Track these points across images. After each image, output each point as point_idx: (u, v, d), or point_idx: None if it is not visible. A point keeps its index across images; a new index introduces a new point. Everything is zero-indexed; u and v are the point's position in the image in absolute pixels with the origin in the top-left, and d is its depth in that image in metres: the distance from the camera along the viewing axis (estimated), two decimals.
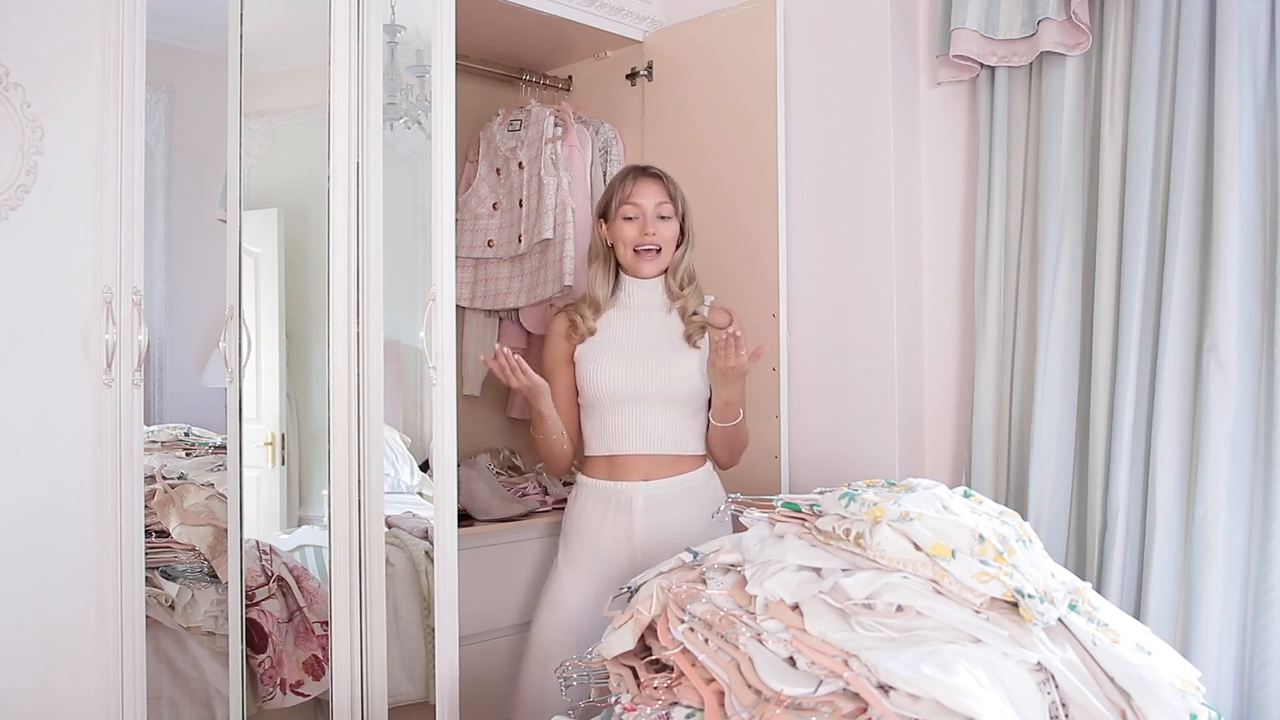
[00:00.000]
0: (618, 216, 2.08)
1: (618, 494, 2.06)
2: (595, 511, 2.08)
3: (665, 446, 2.06)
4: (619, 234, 2.08)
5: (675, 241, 2.11)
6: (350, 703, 1.97)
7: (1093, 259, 2.04)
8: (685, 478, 2.08)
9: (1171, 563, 1.88)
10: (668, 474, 2.06)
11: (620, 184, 2.09)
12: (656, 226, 2.06)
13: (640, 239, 2.06)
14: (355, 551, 1.98)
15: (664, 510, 2.05)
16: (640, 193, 2.06)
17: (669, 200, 2.08)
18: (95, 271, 1.80)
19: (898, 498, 1.42)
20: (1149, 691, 1.26)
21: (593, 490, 2.10)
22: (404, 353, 2.59)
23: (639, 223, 2.06)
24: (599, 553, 2.06)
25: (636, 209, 2.06)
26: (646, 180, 2.08)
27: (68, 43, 1.79)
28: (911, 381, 2.31)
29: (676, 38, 2.61)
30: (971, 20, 2.08)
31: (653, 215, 2.06)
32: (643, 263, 2.08)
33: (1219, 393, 1.83)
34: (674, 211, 2.09)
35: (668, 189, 2.09)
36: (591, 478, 2.11)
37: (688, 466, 2.09)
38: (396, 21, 2.34)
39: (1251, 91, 1.84)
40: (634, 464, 2.06)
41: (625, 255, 2.09)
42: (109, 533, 1.79)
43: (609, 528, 2.06)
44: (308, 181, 2.07)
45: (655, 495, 2.05)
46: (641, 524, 2.04)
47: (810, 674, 1.27)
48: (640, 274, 2.10)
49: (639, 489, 2.05)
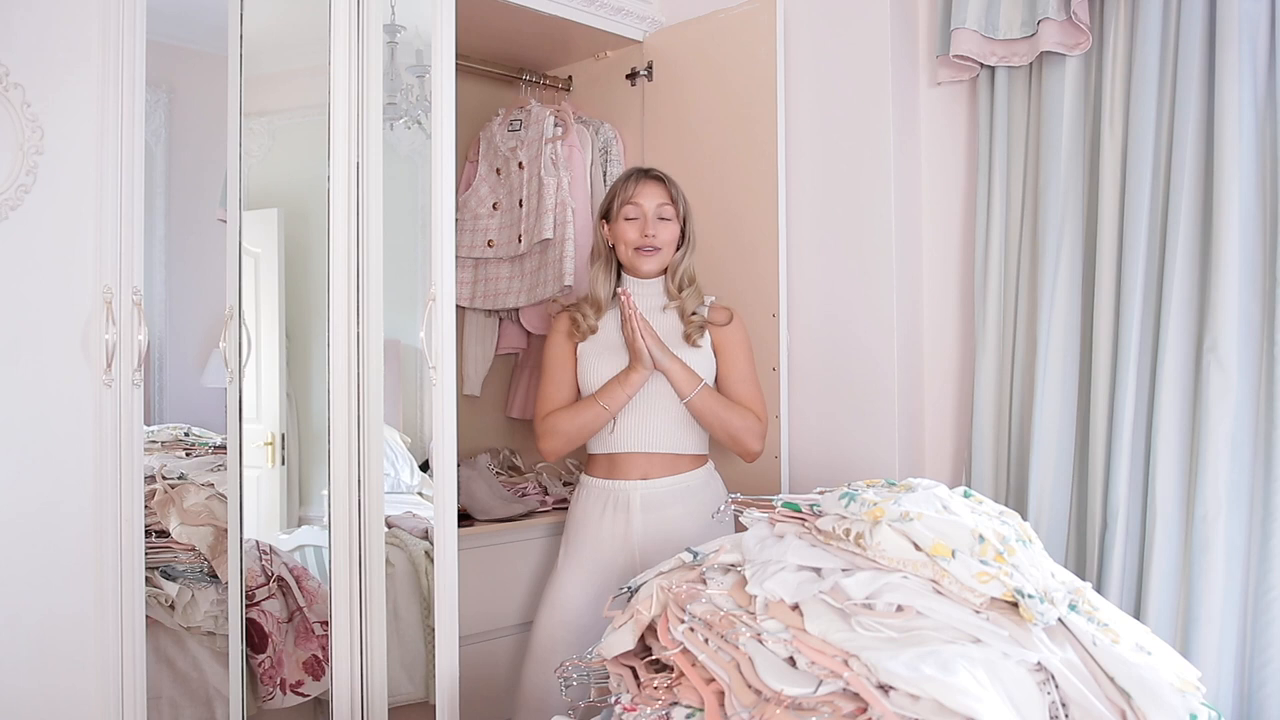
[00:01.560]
0: (619, 217, 2.10)
1: (616, 492, 2.07)
2: (595, 510, 2.09)
3: (664, 445, 2.07)
4: (620, 234, 2.10)
5: (675, 243, 2.13)
6: (350, 703, 1.97)
7: (1093, 259, 2.04)
8: (683, 477, 2.09)
9: (1171, 563, 1.88)
10: (666, 473, 2.07)
11: (623, 185, 2.12)
12: (657, 227, 2.08)
13: (640, 239, 2.08)
14: (355, 551, 1.98)
15: (662, 509, 2.06)
16: (642, 193, 2.09)
17: (670, 202, 2.10)
18: (95, 271, 1.80)
19: (898, 498, 1.42)
20: (1149, 691, 1.26)
21: (593, 489, 2.11)
22: (404, 353, 2.59)
23: (639, 223, 2.08)
24: (598, 551, 2.07)
25: (638, 209, 2.08)
26: (649, 182, 2.11)
27: (68, 43, 1.79)
28: (911, 381, 2.31)
29: (676, 38, 2.61)
30: (971, 20, 2.08)
31: (653, 216, 2.08)
32: (642, 260, 2.09)
33: (1219, 393, 1.83)
34: (675, 214, 2.11)
35: (669, 191, 2.11)
36: (592, 476, 2.13)
37: (686, 466, 2.10)
38: (396, 21, 2.34)
39: (1251, 91, 1.84)
40: (633, 462, 2.07)
41: (626, 254, 2.11)
42: (109, 533, 1.79)
43: (607, 526, 2.07)
44: (308, 181, 2.07)
45: (653, 494, 2.06)
46: (639, 522, 2.05)
47: (810, 674, 1.27)
48: (640, 272, 2.11)
49: (637, 487, 2.06)
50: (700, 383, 2.05)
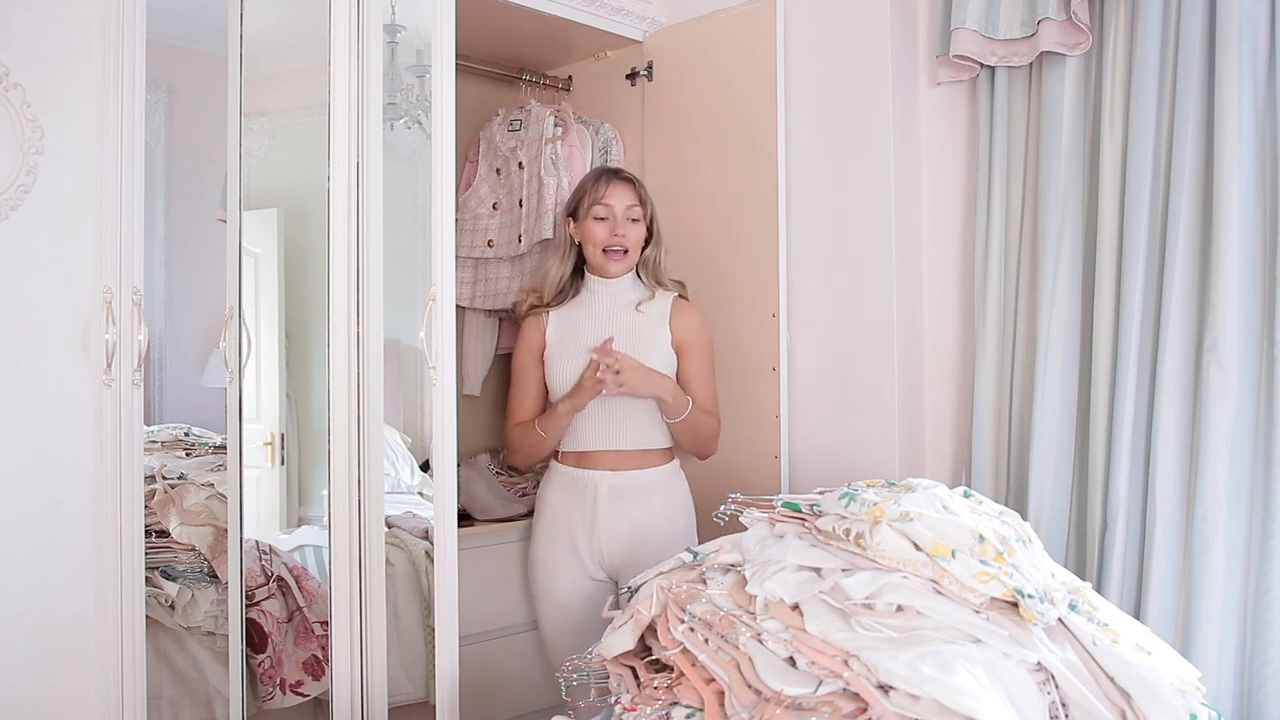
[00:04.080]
0: (588, 216, 2.14)
1: (584, 481, 2.13)
2: (564, 496, 2.15)
3: (633, 442, 2.13)
4: (589, 233, 2.14)
5: (641, 244, 2.18)
6: (350, 703, 1.97)
7: (1093, 259, 2.04)
8: (650, 471, 2.14)
9: (1171, 563, 1.88)
10: (634, 466, 2.13)
11: (593, 185, 2.16)
12: (626, 228, 2.13)
13: (610, 239, 2.13)
14: (355, 551, 1.98)
15: (628, 499, 2.11)
16: (612, 194, 2.14)
17: (639, 204, 2.16)
18: (95, 271, 1.80)
19: (898, 498, 1.42)
20: (1149, 691, 1.26)
21: (561, 475, 2.18)
22: (404, 353, 2.59)
23: (609, 223, 2.13)
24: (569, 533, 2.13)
25: (607, 210, 2.13)
26: (618, 183, 2.16)
27: (68, 43, 1.78)
28: (911, 381, 2.31)
29: (676, 38, 2.61)
30: (971, 20, 2.08)
31: (623, 217, 2.13)
32: (611, 262, 2.14)
33: (1219, 393, 1.83)
34: (643, 214, 2.17)
35: (638, 193, 2.17)
36: (562, 465, 2.18)
37: (655, 460, 2.15)
38: (396, 21, 2.34)
39: (1251, 91, 1.84)
40: (602, 457, 2.13)
41: (594, 255, 2.15)
42: (109, 533, 1.79)
43: (577, 512, 2.12)
44: (308, 181, 2.07)
45: (620, 485, 2.11)
46: (605, 512, 2.10)
47: (810, 674, 1.27)
48: (608, 274, 2.16)
49: (605, 477, 2.12)
50: (689, 402, 2.11)
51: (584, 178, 2.25)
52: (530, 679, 2.38)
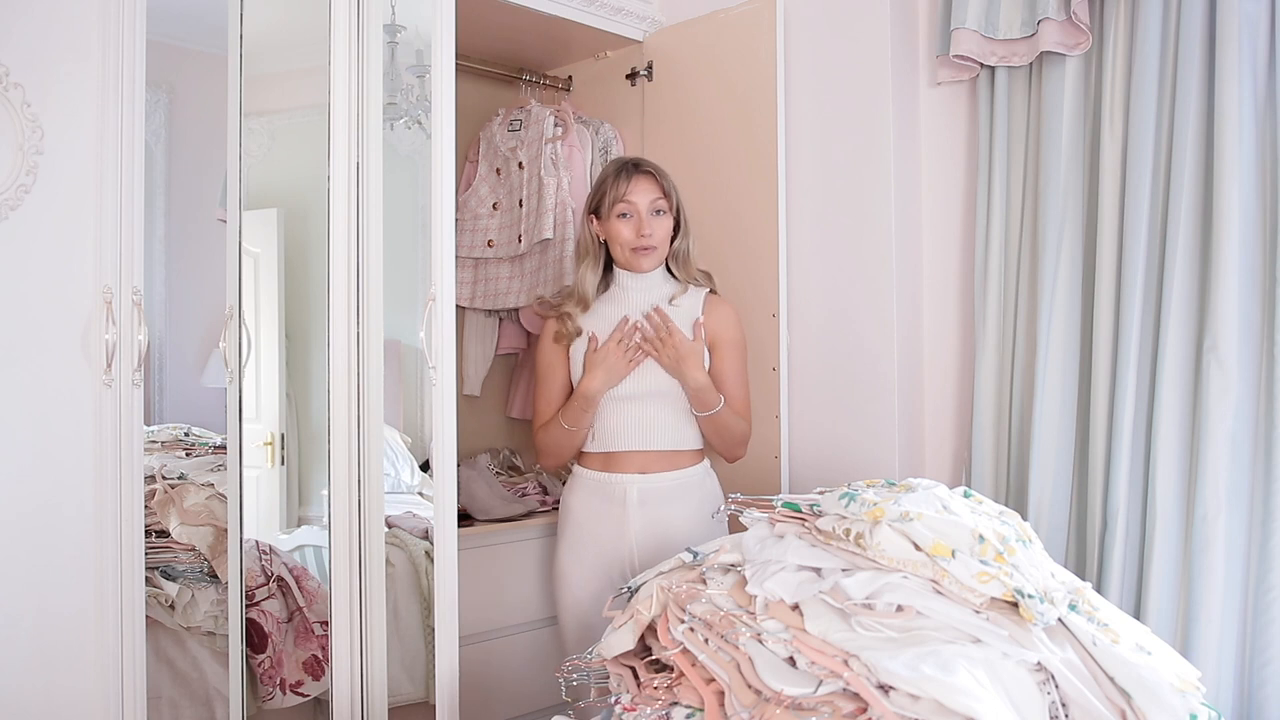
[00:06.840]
0: (611, 215, 2.04)
1: (613, 486, 2.05)
2: (591, 502, 2.08)
3: (662, 443, 2.05)
4: (614, 233, 2.05)
5: (669, 237, 2.08)
6: (350, 703, 1.97)
7: (1093, 259, 2.04)
8: (681, 473, 2.06)
9: (1171, 563, 1.88)
10: (664, 468, 2.05)
11: (614, 182, 2.04)
12: (652, 225, 2.03)
13: (636, 239, 2.03)
14: (355, 551, 1.98)
15: (659, 505, 2.04)
16: (635, 190, 2.03)
17: (663, 196, 2.05)
18: (95, 271, 1.80)
19: (898, 498, 1.42)
20: (1149, 691, 1.26)
21: (588, 480, 2.09)
22: (404, 353, 2.59)
23: (634, 221, 2.03)
24: (597, 542, 2.06)
25: (630, 207, 2.03)
26: (640, 177, 2.04)
27: (68, 43, 1.79)
28: (911, 381, 2.31)
29: (676, 38, 2.61)
30: (971, 20, 2.08)
31: (648, 213, 2.03)
32: (641, 259, 2.05)
33: (1219, 393, 1.83)
34: (668, 206, 2.06)
35: (661, 185, 2.05)
36: (587, 469, 2.10)
37: (685, 461, 2.07)
38: (396, 21, 2.34)
39: (1251, 91, 1.84)
40: (630, 459, 2.05)
41: (622, 253, 2.06)
42: (109, 533, 1.79)
43: (605, 519, 2.05)
44: (308, 181, 2.07)
45: (650, 489, 2.04)
46: (636, 517, 2.03)
47: (810, 674, 1.27)
48: (639, 269, 2.08)
49: (634, 481, 2.04)
50: (720, 399, 2.04)
51: (604, 170, 2.11)
52: (530, 679, 2.38)
